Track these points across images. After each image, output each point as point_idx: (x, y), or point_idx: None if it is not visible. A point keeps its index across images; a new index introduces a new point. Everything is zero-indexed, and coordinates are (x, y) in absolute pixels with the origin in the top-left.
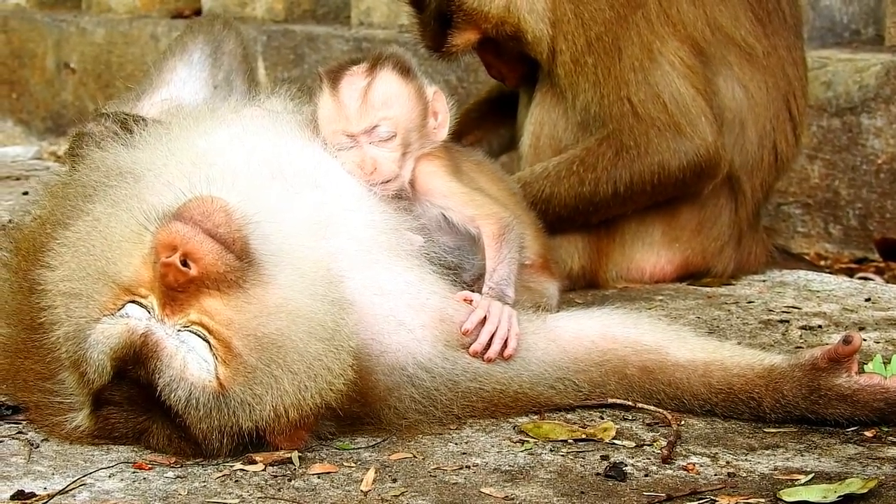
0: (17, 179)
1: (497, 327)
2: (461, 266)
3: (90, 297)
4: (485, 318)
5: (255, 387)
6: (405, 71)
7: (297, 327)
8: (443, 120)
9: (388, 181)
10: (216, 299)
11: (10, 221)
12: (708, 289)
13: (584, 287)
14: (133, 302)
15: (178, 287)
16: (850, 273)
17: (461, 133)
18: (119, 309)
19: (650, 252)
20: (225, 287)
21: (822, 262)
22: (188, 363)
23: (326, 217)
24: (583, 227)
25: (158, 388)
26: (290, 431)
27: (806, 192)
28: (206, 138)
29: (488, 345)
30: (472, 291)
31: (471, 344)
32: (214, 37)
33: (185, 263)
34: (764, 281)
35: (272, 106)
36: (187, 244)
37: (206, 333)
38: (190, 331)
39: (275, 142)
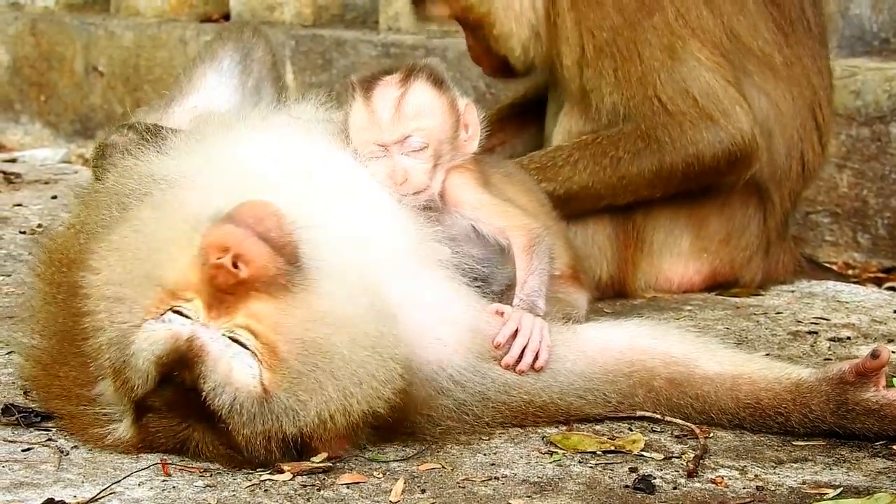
0: (46, 183)
1: (529, 340)
2: (490, 277)
3: (134, 302)
4: (516, 330)
5: (300, 392)
6: (439, 82)
7: (341, 335)
8: (474, 132)
9: (418, 192)
10: (264, 303)
11: (39, 226)
12: (736, 299)
13: (613, 296)
14: (177, 306)
15: (226, 289)
16: (878, 282)
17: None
18: (163, 313)
19: (678, 262)
20: (273, 291)
21: (850, 272)
22: (234, 367)
23: (363, 226)
24: (610, 219)
25: (204, 393)
26: (335, 439)
27: (834, 201)
28: (238, 147)
29: (520, 357)
30: (502, 303)
31: (502, 357)
32: (244, 44)
33: (235, 266)
34: (792, 291)
35: (302, 113)
36: (239, 246)
37: (252, 337)
38: (236, 334)
39: (306, 150)
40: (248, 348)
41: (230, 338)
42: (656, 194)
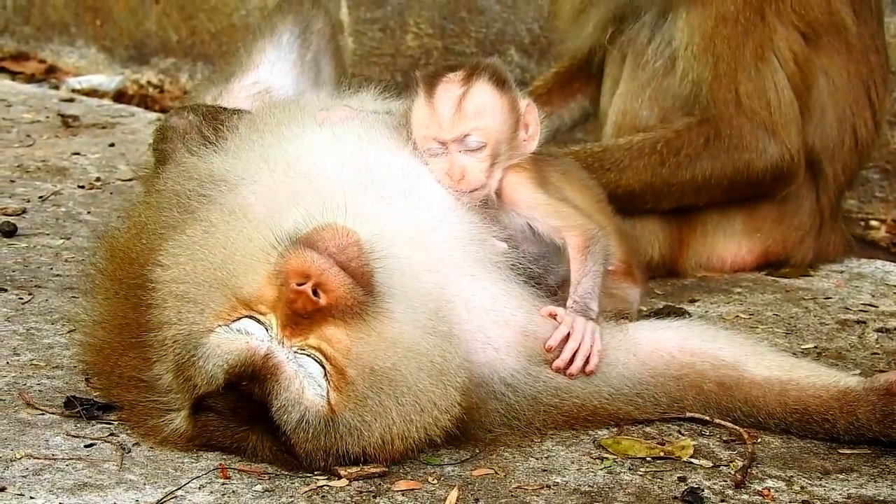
0: (104, 128)
1: (580, 344)
2: (545, 274)
3: (205, 305)
4: (568, 334)
5: (365, 414)
6: (500, 82)
7: (409, 362)
8: (533, 132)
9: (474, 190)
10: (338, 328)
11: (97, 179)
12: (786, 280)
13: (664, 275)
14: (250, 317)
15: (304, 314)
16: None
17: None
18: (234, 321)
19: (731, 241)
20: (348, 317)
21: None
22: (305, 388)
23: (434, 244)
24: (652, 212)
25: (272, 409)
26: (390, 457)
27: (885, 158)
28: (297, 144)
29: (571, 361)
30: (557, 296)
31: (553, 360)
32: (303, 17)
33: (314, 292)
34: (842, 272)
35: (361, 104)
36: (321, 275)
37: (323, 359)
38: (307, 354)
39: (366, 149)
40: (320, 368)
41: (303, 357)
42: (700, 202)
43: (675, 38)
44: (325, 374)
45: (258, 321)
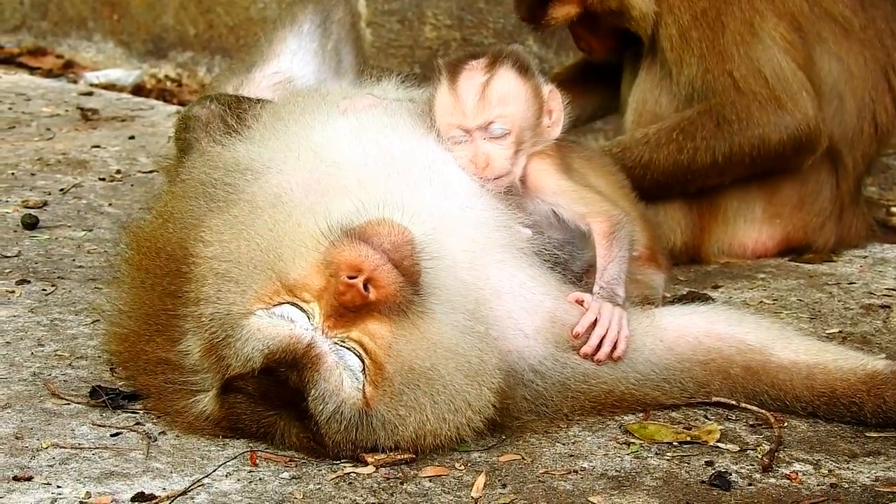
0: (123, 121)
1: (607, 330)
2: (571, 260)
3: (247, 286)
4: (595, 320)
5: (399, 410)
6: (523, 69)
7: (447, 362)
8: (556, 118)
9: (499, 177)
10: (381, 324)
11: (118, 172)
12: (809, 266)
13: (687, 262)
14: (293, 303)
15: (352, 307)
16: None
17: None
18: (276, 305)
19: (752, 227)
20: (393, 314)
21: None
22: (344, 380)
23: (473, 244)
24: (681, 196)
25: (308, 397)
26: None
27: None
28: (321, 132)
29: (598, 347)
30: (582, 283)
31: (580, 346)
32: (324, 6)
33: (365, 287)
34: (865, 257)
35: (384, 93)
36: (374, 271)
37: (363, 353)
38: (347, 347)
39: (391, 137)
40: (359, 362)
41: (343, 349)
42: (725, 181)
43: (665, 47)
44: (364, 368)
45: (300, 308)
